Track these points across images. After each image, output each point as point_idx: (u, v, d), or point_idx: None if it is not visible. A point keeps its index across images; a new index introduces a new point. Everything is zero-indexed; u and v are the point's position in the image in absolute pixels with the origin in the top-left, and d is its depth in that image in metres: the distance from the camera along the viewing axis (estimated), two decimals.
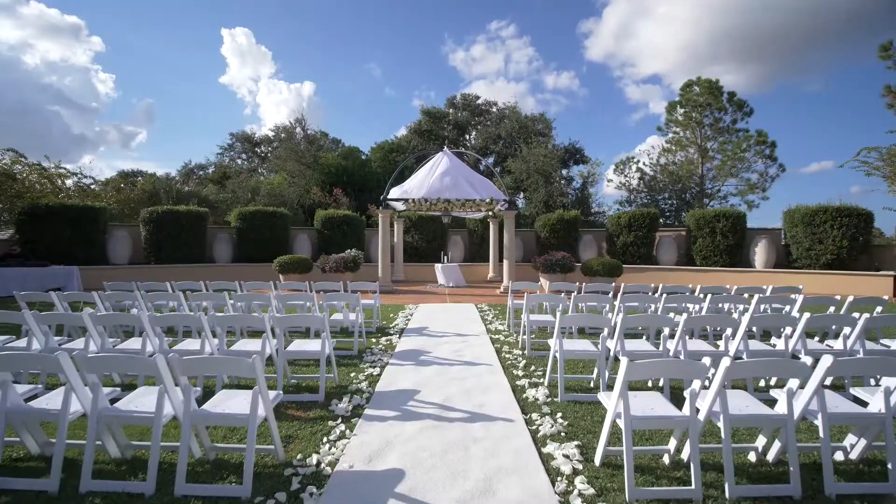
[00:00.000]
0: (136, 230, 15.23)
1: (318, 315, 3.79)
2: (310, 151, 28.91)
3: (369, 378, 4.24)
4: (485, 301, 10.18)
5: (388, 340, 5.83)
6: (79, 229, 13.79)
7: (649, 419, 2.40)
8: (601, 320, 3.76)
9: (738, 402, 2.59)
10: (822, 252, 13.49)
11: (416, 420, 3.25)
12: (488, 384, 4.05)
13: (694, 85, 28.09)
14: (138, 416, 2.43)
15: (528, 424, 3.19)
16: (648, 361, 2.38)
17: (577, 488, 2.33)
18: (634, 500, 2.23)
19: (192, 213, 15.16)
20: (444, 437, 2.98)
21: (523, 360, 4.82)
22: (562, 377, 3.66)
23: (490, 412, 3.41)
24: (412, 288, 13.40)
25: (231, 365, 2.51)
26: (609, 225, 16.76)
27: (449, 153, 13.63)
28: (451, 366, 4.65)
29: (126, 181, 20.17)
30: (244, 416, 2.33)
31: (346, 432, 3.04)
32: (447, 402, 3.62)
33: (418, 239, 17.14)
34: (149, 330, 3.70)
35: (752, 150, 26.53)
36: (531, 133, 28.55)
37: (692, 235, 15.47)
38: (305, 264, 13.18)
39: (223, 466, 2.57)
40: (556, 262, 12.56)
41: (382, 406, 3.53)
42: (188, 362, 2.38)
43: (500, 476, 2.48)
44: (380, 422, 3.22)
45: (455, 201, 12.03)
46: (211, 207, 22.10)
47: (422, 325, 6.87)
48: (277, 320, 3.73)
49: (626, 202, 29.64)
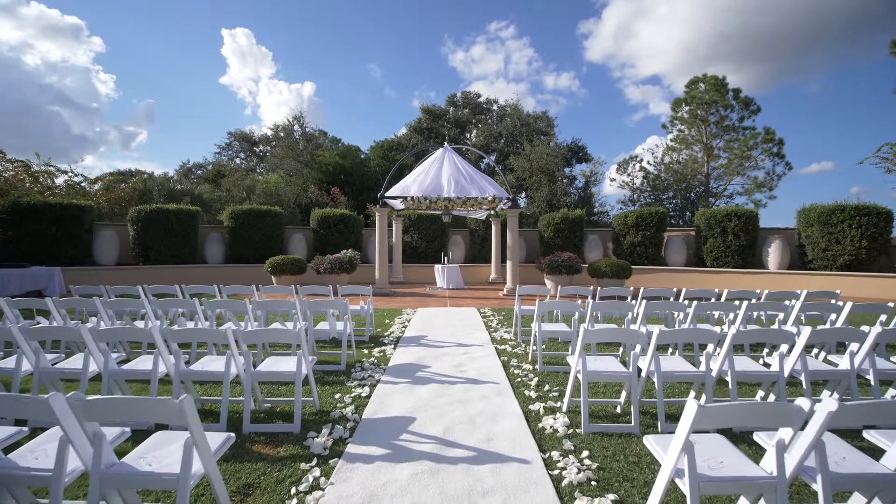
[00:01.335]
0: (124, 230, 14.63)
1: (290, 329, 3.17)
2: (307, 150, 28.31)
3: (356, 401, 3.62)
4: (487, 304, 9.56)
5: (381, 352, 5.21)
6: (63, 228, 13.20)
7: (721, 481, 1.77)
8: (631, 335, 3.13)
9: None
10: (840, 253, 12.89)
11: (410, 461, 2.62)
12: (496, 409, 3.44)
13: (700, 82, 27.49)
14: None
15: (549, 467, 2.57)
16: (722, 407, 1.73)
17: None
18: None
19: (182, 212, 14.55)
20: (446, 487, 2.36)
21: (535, 378, 4.20)
22: (585, 403, 3.04)
23: (500, 449, 2.79)
24: (411, 290, 12.78)
25: (146, 409, 1.77)
26: (615, 224, 16.15)
27: (450, 149, 13.02)
28: (452, 384, 4.03)
29: (116, 178, 19.50)
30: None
31: (320, 480, 2.42)
32: (448, 434, 3.01)
33: (418, 239, 16.52)
34: (92, 348, 3.08)
35: (759, 147, 25.91)
36: (533, 131, 27.94)
37: (702, 235, 14.86)
38: (299, 265, 12.56)
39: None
40: (563, 264, 11.95)
41: (369, 440, 2.91)
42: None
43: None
44: (364, 463, 2.60)
45: (456, 199, 11.41)
46: (205, 206, 21.49)
47: (420, 333, 6.25)
48: (245, 335, 3.11)
49: (630, 201, 29.06)
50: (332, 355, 4.86)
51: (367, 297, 5.96)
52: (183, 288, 5.95)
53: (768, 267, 14.01)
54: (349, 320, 4.55)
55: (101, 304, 4.51)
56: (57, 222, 13.10)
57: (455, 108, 32.28)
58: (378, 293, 11.51)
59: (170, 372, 3.15)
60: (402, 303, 9.85)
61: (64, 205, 13.34)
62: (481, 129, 30.58)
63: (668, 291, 5.86)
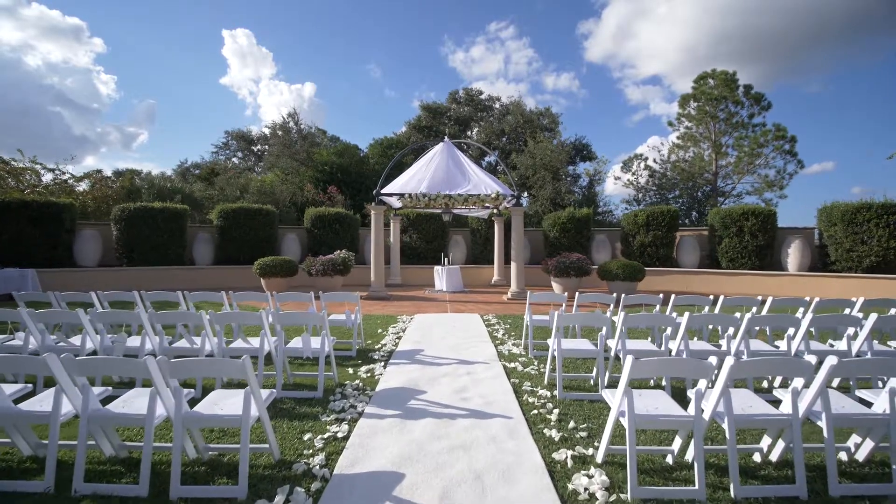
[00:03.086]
0: (107, 229, 13.88)
1: (232, 360, 2.35)
2: (303, 147, 27.55)
3: (329, 444, 2.81)
4: (491, 310, 8.77)
5: (369, 371, 4.41)
6: (41, 228, 12.45)
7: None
8: (698, 368, 2.33)
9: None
10: (866, 254, 12.08)
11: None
12: (511, 459, 2.63)
13: (709, 77, 26.70)
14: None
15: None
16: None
17: None
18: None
19: (168, 211, 13.78)
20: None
21: (555, 409, 3.40)
22: (633, 458, 2.24)
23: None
24: (409, 293, 12.00)
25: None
26: (624, 224, 15.34)
27: (450, 144, 12.23)
28: (452, 418, 3.23)
29: (102, 176, 18.72)
30: None
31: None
32: (447, 501, 2.22)
33: (416, 239, 15.71)
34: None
35: (770, 145, 25.08)
36: (536, 128, 27.15)
37: (717, 235, 14.05)
38: (289, 267, 11.79)
39: None
40: (571, 265, 11.16)
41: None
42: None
43: None
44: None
45: (457, 196, 10.61)
46: (196, 205, 20.76)
47: (416, 347, 5.46)
48: (172, 367, 2.31)
49: (634, 201, 28.24)
50: (308, 377, 4.07)
51: (354, 304, 5.16)
52: (141, 294, 5.15)
53: (787, 269, 13.20)
54: (327, 336, 3.74)
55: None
56: (35, 221, 12.35)
57: (457, 105, 31.50)
58: (373, 297, 10.73)
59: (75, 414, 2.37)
60: (399, 308, 9.06)
61: (42, 202, 12.59)
62: (483, 127, 29.78)
63: (704, 299, 5.04)
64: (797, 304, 4.83)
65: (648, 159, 28.30)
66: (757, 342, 4.08)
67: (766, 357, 2.45)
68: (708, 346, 4.00)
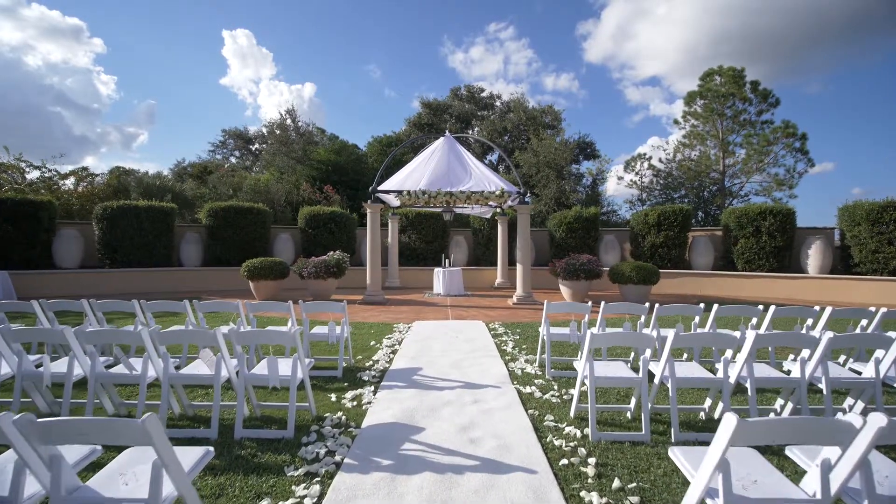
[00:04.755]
0: (89, 229, 13.12)
1: (146, 424, 1.55)
2: (300, 145, 26.79)
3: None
4: (496, 316, 8.03)
5: (355, 398, 3.67)
6: (16, 227, 11.70)
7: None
8: (832, 431, 1.58)
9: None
10: (893, 255, 11.35)
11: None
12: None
13: (715, 74, 25.97)
14: None
15: None
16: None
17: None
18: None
19: (154, 209, 13.03)
20: None
21: (589, 456, 2.66)
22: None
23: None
24: (408, 297, 11.25)
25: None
26: (634, 224, 14.59)
27: (452, 139, 11.48)
28: (458, 474, 2.49)
29: (88, 174, 17.96)
30: None
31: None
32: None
33: (416, 239, 14.95)
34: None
35: (779, 143, 24.33)
36: (539, 125, 26.41)
37: (732, 235, 13.30)
38: (279, 269, 11.03)
39: None
40: (581, 267, 10.41)
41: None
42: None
43: None
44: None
45: (459, 194, 9.87)
46: (187, 204, 20.03)
47: (413, 364, 4.71)
48: (53, 430, 1.55)
49: (639, 201, 27.49)
50: (279, 409, 3.32)
51: (340, 315, 4.40)
52: (92, 304, 4.41)
53: (807, 271, 12.46)
54: (301, 358, 2.99)
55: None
56: (10, 220, 11.60)
57: (459, 102, 30.76)
58: (369, 301, 9.98)
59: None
60: (396, 314, 8.31)
61: (18, 200, 11.84)
62: (485, 125, 29.04)
63: (753, 309, 4.29)
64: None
65: (652, 158, 27.56)
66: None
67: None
68: (776, 372, 3.20)
